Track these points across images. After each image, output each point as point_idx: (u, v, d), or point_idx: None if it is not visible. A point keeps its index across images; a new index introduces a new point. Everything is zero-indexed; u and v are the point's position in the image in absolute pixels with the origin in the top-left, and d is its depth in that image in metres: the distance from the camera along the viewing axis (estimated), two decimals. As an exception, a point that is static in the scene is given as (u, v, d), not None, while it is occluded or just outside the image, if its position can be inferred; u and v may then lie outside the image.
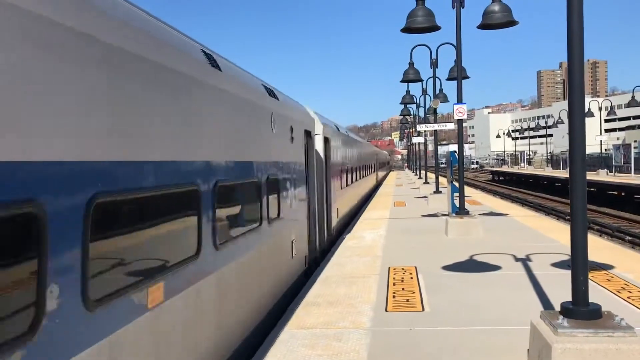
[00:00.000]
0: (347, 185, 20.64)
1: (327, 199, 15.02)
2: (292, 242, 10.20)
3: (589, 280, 5.24)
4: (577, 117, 5.18)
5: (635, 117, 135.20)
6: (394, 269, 10.34)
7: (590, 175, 41.67)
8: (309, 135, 12.69)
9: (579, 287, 5.07)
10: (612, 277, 9.19)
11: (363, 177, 29.81)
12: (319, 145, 14.14)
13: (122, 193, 4.06)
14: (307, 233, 12.16)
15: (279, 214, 9.16)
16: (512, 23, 13.56)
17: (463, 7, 14.41)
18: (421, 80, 25.01)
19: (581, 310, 5.01)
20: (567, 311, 5.04)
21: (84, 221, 3.52)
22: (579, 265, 5.13)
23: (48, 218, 3.14)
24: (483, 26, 13.67)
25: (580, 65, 5.18)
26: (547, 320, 5.09)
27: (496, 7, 13.42)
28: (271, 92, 9.46)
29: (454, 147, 17.31)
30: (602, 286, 8.52)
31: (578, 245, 5.15)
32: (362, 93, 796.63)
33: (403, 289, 8.80)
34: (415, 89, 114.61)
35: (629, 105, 49.92)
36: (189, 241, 5.31)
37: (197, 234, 5.46)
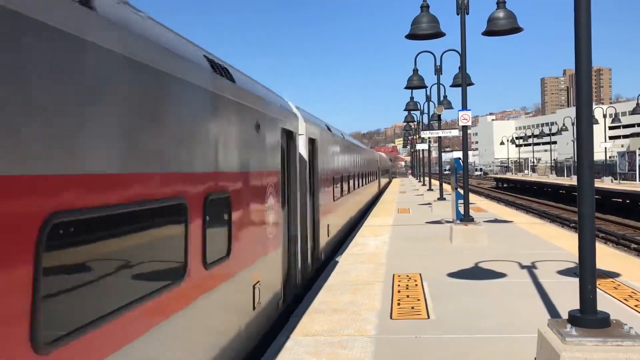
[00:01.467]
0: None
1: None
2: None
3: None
4: (584, 127, 5.15)
5: (639, 125, 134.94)
6: (399, 276, 10.28)
7: (595, 183, 41.35)
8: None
9: (587, 296, 5.02)
10: (619, 285, 9.11)
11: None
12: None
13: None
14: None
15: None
16: (516, 30, 13.54)
17: (467, 14, 14.40)
18: (425, 87, 24.91)
19: (589, 319, 4.95)
20: (575, 319, 4.99)
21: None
22: (587, 273, 5.07)
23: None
24: (488, 33, 13.65)
25: (587, 72, 5.16)
26: (554, 328, 5.04)
27: (501, 14, 13.41)
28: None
29: (457, 154, 17.21)
30: (609, 294, 8.45)
31: (586, 253, 5.10)
32: (366, 100, 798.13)
33: (408, 296, 8.74)
34: (419, 95, 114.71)
35: (634, 112, 49.76)
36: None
37: None
